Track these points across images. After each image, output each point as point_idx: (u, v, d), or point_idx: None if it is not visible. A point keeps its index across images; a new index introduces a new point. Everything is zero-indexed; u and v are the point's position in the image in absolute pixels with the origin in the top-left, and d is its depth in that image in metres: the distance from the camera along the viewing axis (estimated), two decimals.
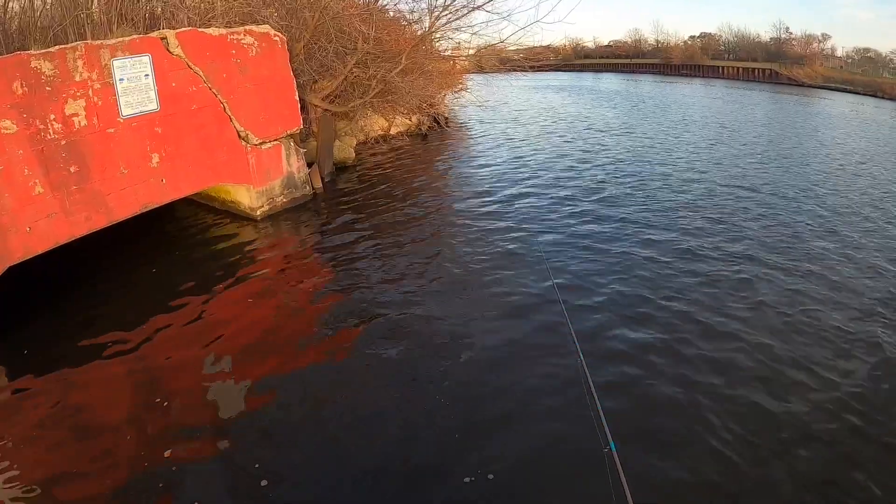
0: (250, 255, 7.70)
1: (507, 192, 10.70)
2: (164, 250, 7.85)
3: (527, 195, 10.57)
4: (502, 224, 8.93)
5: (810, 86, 41.69)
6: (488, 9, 12.79)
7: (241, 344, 5.52)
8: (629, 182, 11.63)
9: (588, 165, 13.06)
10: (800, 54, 48.17)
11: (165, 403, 4.66)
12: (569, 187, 11.16)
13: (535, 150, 14.69)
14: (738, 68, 48.45)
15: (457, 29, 13.72)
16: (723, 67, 49.37)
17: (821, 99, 33.79)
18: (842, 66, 48.41)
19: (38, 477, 3.92)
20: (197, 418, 4.51)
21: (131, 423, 4.44)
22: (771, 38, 50.87)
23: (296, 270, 7.26)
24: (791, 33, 50.74)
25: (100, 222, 6.44)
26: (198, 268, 7.30)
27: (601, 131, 18.02)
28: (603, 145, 15.60)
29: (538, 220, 9.15)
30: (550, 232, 8.66)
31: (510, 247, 7.99)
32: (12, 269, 5.67)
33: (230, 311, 6.18)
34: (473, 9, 12.67)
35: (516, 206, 9.89)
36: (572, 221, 9.15)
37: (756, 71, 46.96)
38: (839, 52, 51.25)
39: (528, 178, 11.76)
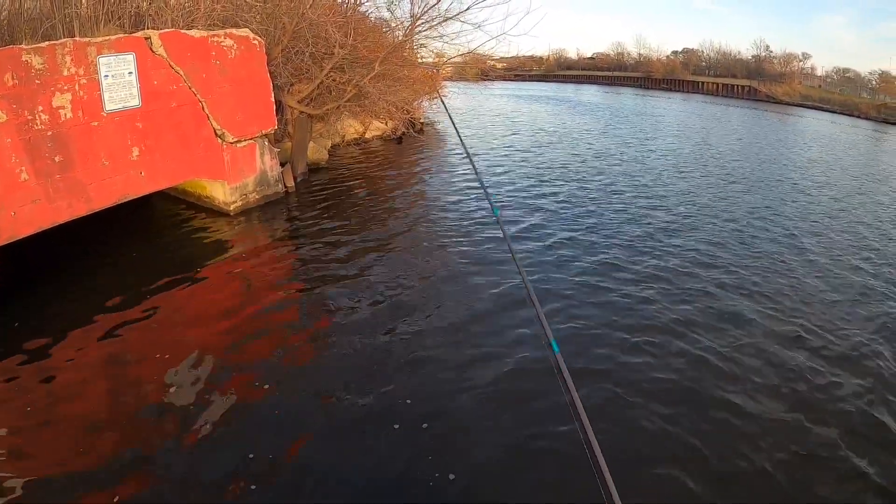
0: (223, 248, 8.17)
1: (476, 192, 11.40)
2: (140, 239, 8.30)
3: (495, 195, 11.36)
4: (468, 222, 9.61)
5: (788, 103, 42.91)
6: (462, 19, 13.38)
7: (211, 330, 5.91)
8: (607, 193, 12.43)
9: (559, 171, 13.89)
10: (780, 72, 49.45)
11: (136, 388, 4.94)
12: (534, 189, 12.06)
13: (506, 156, 15.47)
14: (717, 84, 49.67)
15: (431, 38, 14.34)
16: (703, 83, 50.55)
17: (797, 117, 34.90)
18: (820, 86, 49.72)
19: (11, 462, 4.11)
20: (165, 404, 4.75)
21: (104, 407, 4.71)
22: (752, 56, 52.15)
23: (265, 264, 7.72)
24: (771, 51, 52.13)
25: (81, 210, 6.88)
26: (173, 257, 7.77)
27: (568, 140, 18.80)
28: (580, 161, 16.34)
29: (506, 221, 9.89)
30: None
31: (475, 243, 8.68)
32: None
33: (202, 300, 6.62)
34: (447, 19, 13.24)
35: (484, 205, 10.52)
36: (535, 219, 9.92)
37: (735, 87, 48.17)
38: (819, 72, 52.72)
39: (497, 181, 12.58)
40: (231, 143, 9.03)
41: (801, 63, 52.19)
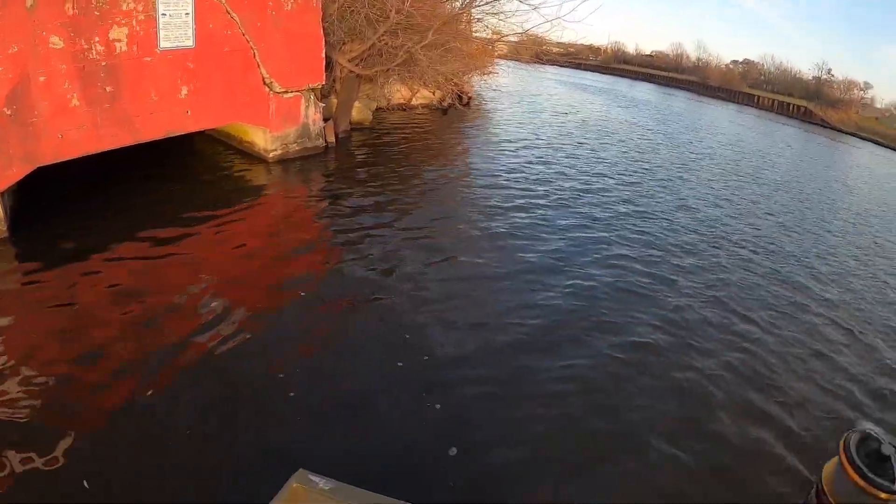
0: (257, 192, 8.42)
1: (514, 170, 11.52)
2: (180, 175, 8.58)
3: (532, 175, 11.46)
4: (507, 200, 9.64)
5: (841, 131, 41.52)
6: None
7: (234, 265, 6.15)
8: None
9: (594, 160, 13.86)
10: (838, 98, 47.91)
11: (153, 316, 5.08)
12: (569, 174, 12.10)
13: (550, 143, 15.29)
14: (773, 100, 48.13)
15: (488, 13, 14.32)
16: (758, 97, 49.10)
17: (850, 146, 34.02)
18: (877, 118, 48.04)
19: (25, 361, 4.28)
20: (178, 334, 4.88)
21: (120, 328, 4.85)
22: (812, 77, 50.60)
23: (295, 212, 7.97)
24: (833, 75, 50.52)
25: (125, 140, 7.04)
26: (208, 195, 8.00)
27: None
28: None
29: (543, 198, 9.99)
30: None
31: (511, 222, 8.68)
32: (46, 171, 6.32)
33: (229, 237, 6.82)
34: None
35: (523, 184, 10.64)
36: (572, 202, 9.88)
37: (791, 106, 46.67)
38: (878, 104, 50.99)
39: (535, 160, 12.68)
40: (278, 92, 9.15)
41: (862, 92, 50.59)
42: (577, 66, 48.42)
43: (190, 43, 7.48)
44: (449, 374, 4.88)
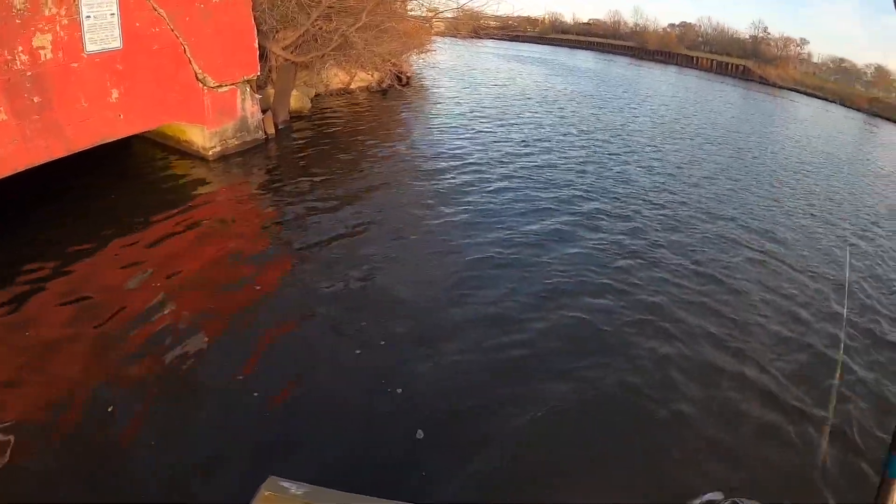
0: (199, 192, 8.38)
1: (456, 149, 11.84)
2: (118, 182, 8.41)
3: (473, 147, 11.95)
4: (448, 172, 10.14)
5: (781, 87, 42.87)
6: None
7: (179, 275, 6.10)
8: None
9: (535, 126, 14.46)
10: (775, 55, 49.32)
11: (102, 326, 5.09)
12: (511, 140, 12.77)
13: (490, 115, 15.71)
14: (712, 61, 49.20)
15: None
16: (697, 58, 50.15)
17: (789, 101, 35.58)
18: (815, 73, 49.60)
19: None
20: (130, 344, 4.92)
21: (72, 343, 4.85)
22: (749, 36, 51.92)
23: (241, 210, 8.05)
24: (769, 33, 51.87)
25: (58, 151, 6.90)
26: (149, 200, 7.91)
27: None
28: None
29: (481, 176, 10.28)
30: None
31: (455, 188, 9.28)
32: None
33: (175, 243, 6.81)
34: None
35: (465, 162, 10.94)
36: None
37: (730, 65, 47.84)
38: (815, 59, 52.52)
39: (475, 132, 13.21)
40: (212, 87, 9.10)
41: (798, 48, 52.07)
42: (516, 39, 48.43)
43: (117, 44, 7.39)
44: (408, 356, 5.14)
